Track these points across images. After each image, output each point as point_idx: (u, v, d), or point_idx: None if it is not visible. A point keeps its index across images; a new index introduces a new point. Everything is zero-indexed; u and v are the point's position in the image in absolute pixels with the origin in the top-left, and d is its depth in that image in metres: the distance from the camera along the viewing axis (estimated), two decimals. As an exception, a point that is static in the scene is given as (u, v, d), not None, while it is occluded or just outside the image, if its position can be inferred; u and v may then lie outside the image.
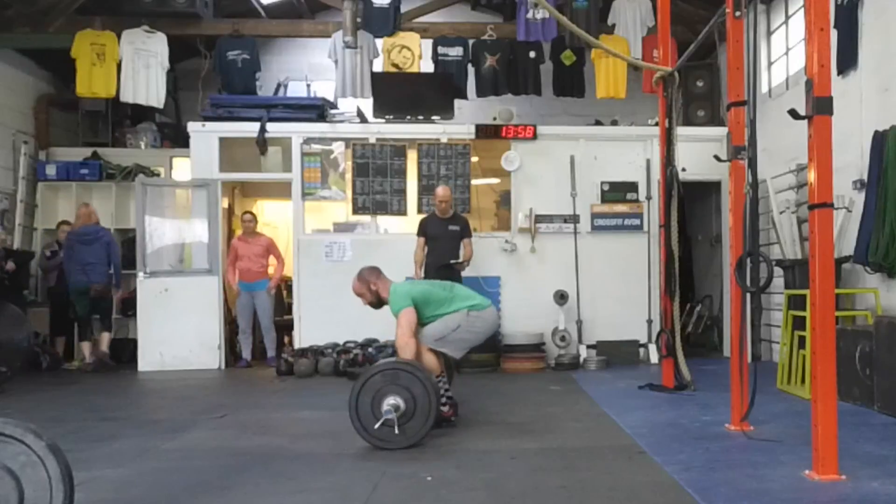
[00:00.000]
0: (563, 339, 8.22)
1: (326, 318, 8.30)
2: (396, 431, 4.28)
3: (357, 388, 4.39)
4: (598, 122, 9.50)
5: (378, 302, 5.13)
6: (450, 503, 3.34)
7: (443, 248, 7.60)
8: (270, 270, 8.89)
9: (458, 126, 8.77)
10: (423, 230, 7.75)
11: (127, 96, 8.91)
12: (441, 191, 7.79)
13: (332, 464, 4.06)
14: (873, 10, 6.23)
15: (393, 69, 9.15)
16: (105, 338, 8.65)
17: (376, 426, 4.30)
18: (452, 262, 7.57)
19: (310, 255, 8.57)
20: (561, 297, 8.27)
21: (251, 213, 9.06)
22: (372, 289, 5.09)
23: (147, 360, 8.34)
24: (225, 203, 9.33)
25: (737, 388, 4.59)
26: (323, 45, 9.49)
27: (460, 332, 4.97)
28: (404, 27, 9.34)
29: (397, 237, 8.74)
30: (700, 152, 7.67)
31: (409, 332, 4.83)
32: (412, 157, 8.72)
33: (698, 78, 9.18)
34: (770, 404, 5.30)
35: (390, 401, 4.30)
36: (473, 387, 6.82)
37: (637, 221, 8.68)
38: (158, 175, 9.73)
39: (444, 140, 8.71)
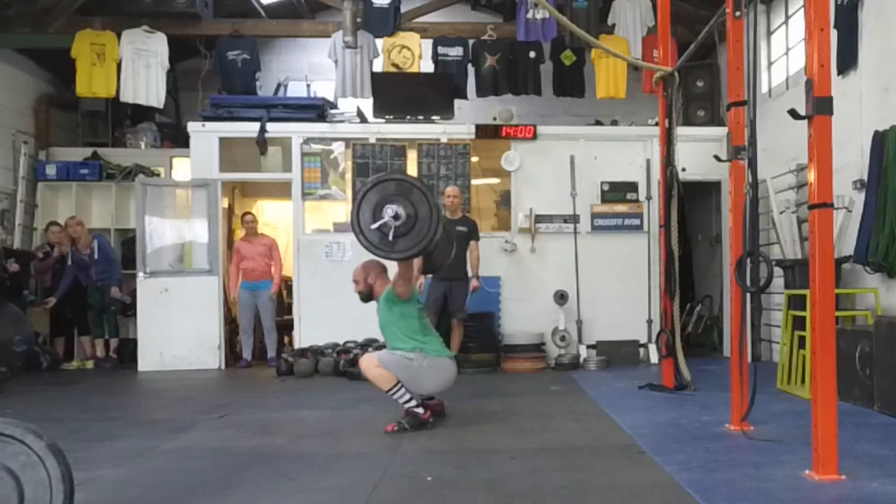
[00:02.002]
0: (563, 339, 8.22)
1: (326, 318, 8.30)
2: (390, 238, 4.36)
3: (369, 185, 4.49)
4: (598, 122, 9.51)
5: (368, 296, 5.14)
6: (450, 503, 3.34)
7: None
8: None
9: (458, 126, 8.77)
10: None
11: (127, 96, 8.92)
12: (451, 189, 7.88)
13: (332, 464, 4.06)
14: (873, 10, 6.24)
15: (393, 69, 9.15)
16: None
17: (373, 226, 4.37)
18: (472, 285, 7.64)
19: (310, 255, 8.57)
20: (561, 297, 8.27)
21: (252, 213, 9.06)
22: (368, 282, 5.10)
23: (147, 360, 8.34)
24: (225, 203, 9.33)
25: (737, 388, 4.59)
26: (323, 45, 9.49)
27: (413, 366, 4.86)
28: (404, 27, 9.34)
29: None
30: (700, 152, 7.68)
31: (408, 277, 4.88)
32: (412, 157, 8.72)
33: (698, 78, 9.18)
34: (770, 404, 5.31)
35: (393, 208, 4.36)
36: (473, 387, 6.82)
37: (637, 221, 8.68)
38: (158, 175, 9.73)
39: (444, 140, 8.71)
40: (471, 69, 9.38)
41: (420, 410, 4.87)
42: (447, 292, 7.55)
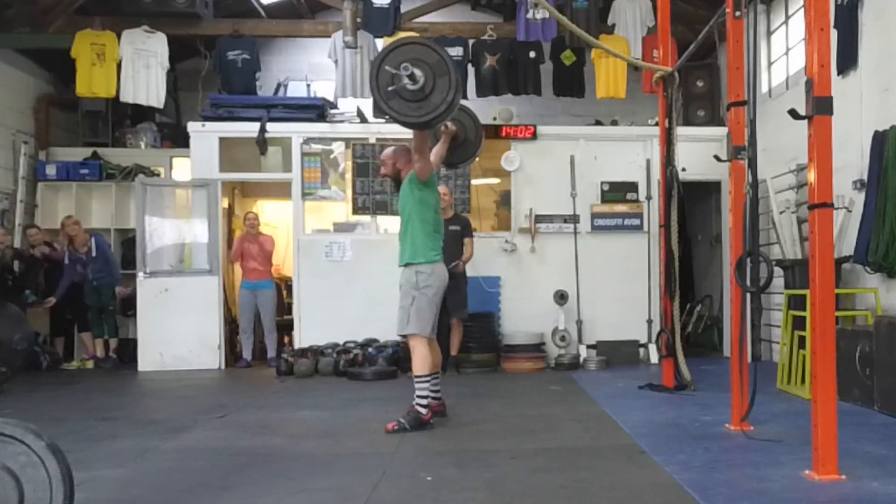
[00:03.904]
0: (563, 339, 8.22)
1: (326, 318, 8.31)
2: (389, 89, 4.29)
3: (422, 41, 4.47)
4: (598, 122, 9.51)
5: (396, 179, 5.26)
6: (450, 503, 3.34)
7: (444, 249, 7.58)
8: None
9: (459, 126, 8.75)
10: None
11: (127, 96, 8.91)
12: (440, 188, 7.81)
13: (332, 464, 4.06)
14: (873, 10, 6.24)
15: (393, 69, 9.14)
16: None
17: (388, 67, 4.28)
18: (450, 267, 7.58)
19: (310, 255, 8.56)
20: (561, 297, 8.27)
21: (254, 213, 9.08)
22: (397, 167, 5.21)
23: (147, 360, 8.34)
24: (225, 203, 9.33)
25: (737, 388, 4.59)
26: (323, 45, 9.48)
27: (426, 294, 5.10)
28: (404, 27, 9.32)
29: (397, 237, 8.72)
30: (700, 152, 7.66)
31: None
32: (412, 156, 8.71)
33: (698, 78, 9.18)
34: (770, 404, 5.31)
35: (415, 70, 4.27)
36: (473, 387, 6.82)
37: (637, 221, 8.68)
38: (158, 175, 9.73)
39: (444, 140, 8.70)
40: (471, 69, 9.38)
41: (424, 411, 4.88)
42: (446, 291, 7.52)
